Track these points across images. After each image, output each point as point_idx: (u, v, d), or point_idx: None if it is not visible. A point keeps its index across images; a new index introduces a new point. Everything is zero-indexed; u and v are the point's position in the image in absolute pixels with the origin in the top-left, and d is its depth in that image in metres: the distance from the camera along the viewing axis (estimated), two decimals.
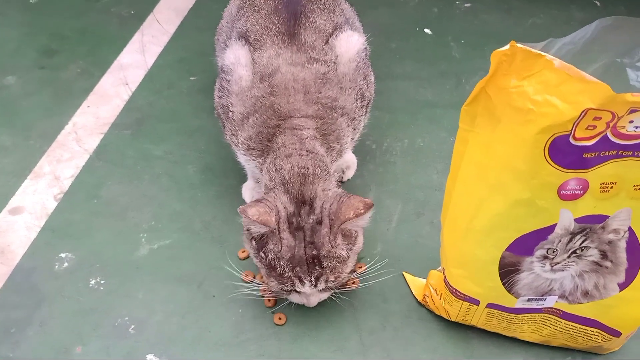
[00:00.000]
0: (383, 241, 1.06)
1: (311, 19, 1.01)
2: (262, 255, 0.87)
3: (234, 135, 0.99)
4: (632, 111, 0.64)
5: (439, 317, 0.94)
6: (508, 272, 0.79)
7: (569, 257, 0.77)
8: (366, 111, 1.06)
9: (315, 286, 0.86)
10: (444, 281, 0.88)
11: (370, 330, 0.93)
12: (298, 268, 0.85)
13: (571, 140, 0.66)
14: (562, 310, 0.83)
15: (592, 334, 0.84)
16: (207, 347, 0.91)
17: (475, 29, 1.54)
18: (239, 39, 1.02)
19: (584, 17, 1.58)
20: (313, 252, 0.85)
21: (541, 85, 0.65)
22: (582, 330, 0.84)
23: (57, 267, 1.00)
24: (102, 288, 0.98)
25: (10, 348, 0.90)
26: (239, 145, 0.98)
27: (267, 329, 0.93)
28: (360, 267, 1.00)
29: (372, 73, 1.08)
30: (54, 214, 1.08)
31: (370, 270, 0.96)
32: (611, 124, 0.66)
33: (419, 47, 1.48)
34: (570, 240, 0.75)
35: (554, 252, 0.77)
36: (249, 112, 0.96)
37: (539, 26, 1.56)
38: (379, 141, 1.24)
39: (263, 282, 0.92)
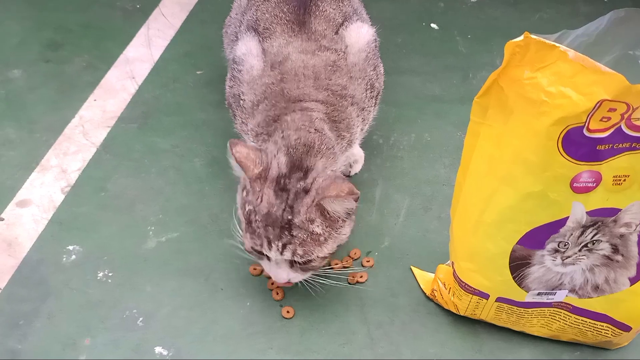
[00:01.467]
0: (390, 235, 1.05)
1: (321, 8, 1.01)
2: (247, 206, 0.85)
3: (244, 123, 0.99)
4: None
5: (447, 312, 0.94)
6: (518, 265, 0.79)
7: (579, 250, 0.77)
8: (375, 102, 1.06)
9: (282, 253, 0.84)
10: (453, 275, 0.87)
11: (378, 324, 0.93)
12: (270, 228, 0.83)
13: (585, 132, 0.66)
14: (571, 305, 0.83)
15: (601, 329, 0.84)
16: (215, 339, 0.91)
17: (481, 24, 1.53)
18: (249, 31, 1.02)
19: (590, 11, 1.58)
20: (288, 217, 0.83)
21: (555, 77, 0.64)
22: (591, 324, 0.84)
23: (64, 259, 1.00)
24: (109, 281, 0.98)
25: (18, 340, 0.90)
26: (248, 133, 0.98)
27: (275, 322, 0.93)
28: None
29: (382, 65, 1.08)
30: (61, 206, 1.08)
31: (344, 271, 0.96)
32: (625, 116, 0.65)
33: (425, 41, 1.48)
34: (582, 233, 0.75)
35: (565, 245, 0.76)
36: (259, 100, 0.96)
37: (546, 20, 1.56)
38: (386, 135, 1.23)
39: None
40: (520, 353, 0.90)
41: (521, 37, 0.65)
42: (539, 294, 0.82)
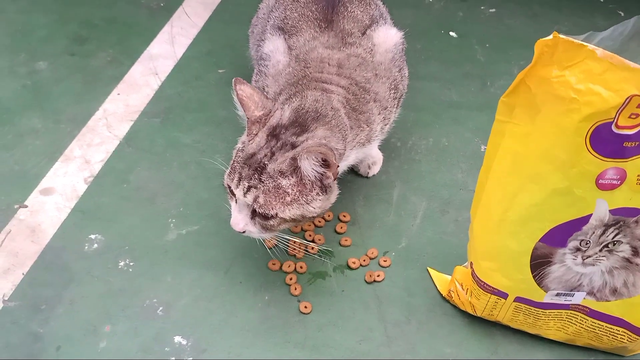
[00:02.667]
0: (407, 236, 1.07)
1: (349, 9, 1.03)
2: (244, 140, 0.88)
3: None
4: None
5: (464, 313, 0.95)
6: (540, 264, 0.80)
7: (600, 251, 0.78)
8: (398, 104, 1.07)
9: (244, 195, 0.84)
10: (472, 275, 0.88)
11: (395, 323, 0.94)
12: (246, 167, 0.84)
13: (613, 128, 0.67)
14: (589, 308, 0.84)
15: (617, 334, 0.85)
16: (233, 331, 0.92)
17: (499, 34, 1.55)
18: (275, 30, 1.04)
19: (607, 26, 1.57)
20: (265, 162, 0.84)
21: (584, 75, 0.66)
22: (608, 329, 0.85)
23: (86, 247, 1.02)
24: (130, 270, 0.99)
25: (40, 324, 0.91)
26: None
27: (292, 316, 0.94)
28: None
29: (407, 68, 1.10)
30: (84, 196, 1.10)
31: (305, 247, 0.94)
32: None
33: (444, 48, 1.50)
34: (604, 232, 0.76)
35: (587, 244, 0.77)
36: (282, 89, 0.97)
37: (563, 33, 1.56)
38: (404, 139, 1.25)
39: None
40: (535, 356, 0.91)
41: (550, 37, 0.66)
42: (557, 294, 0.83)
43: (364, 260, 1.02)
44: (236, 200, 0.87)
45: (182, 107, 1.29)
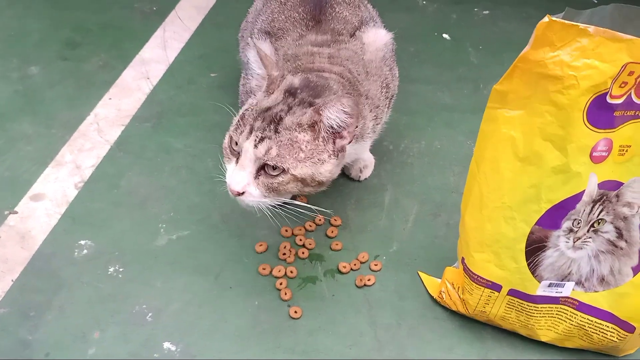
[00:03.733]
0: (399, 240, 1.06)
1: (337, 10, 1.03)
2: (245, 104, 0.88)
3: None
4: None
5: (455, 317, 0.95)
6: (534, 249, 0.81)
7: (588, 231, 0.80)
8: (389, 104, 1.07)
9: (256, 146, 0.81)
10: (464, 270, 0.88)
11: (385, 327, 0.94)
12: (260, 119, 0.82)
13: (608, 98, 0.71)
14: (578, 300, 0.84)
15: (607, 330, 0.85)
16: (223, 337, 0.92)
17: (493, 36, 1.55)
18: (261, 34, 1.04)
19: None
20: (281, 114, 0.82)
21: (578, 52, 0.69)
22: (597, 325, 0.85)
23: (76, 253, 1.02)
24: (120, 276, 0.99)
25: (29, 331, 0.91)
26: None
27: (282, 321, 0.94)
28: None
29: (397, 69, 1.10)
30: (75, 202, 1.10)
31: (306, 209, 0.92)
32: (638, 80, 0.71)
33: (438, 51, 1.50)
34: (591, 210, 0.78)
35: (578, 224, 0.79)
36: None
37: None
38: (396, 142, 1.24)
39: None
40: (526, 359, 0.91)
41: (546, 19, 0.69)
42: (549, 285, 0.83)
43: (355, 265, 1.01)
44: (237, 158, 0.83)
45: (173, 112, 1.29)
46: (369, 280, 0.99)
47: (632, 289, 0.82)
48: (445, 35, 1.55)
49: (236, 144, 0.85)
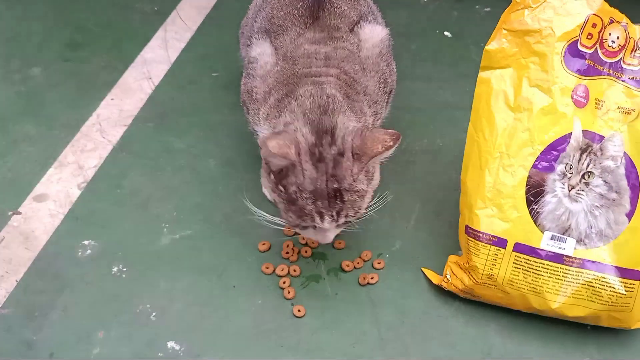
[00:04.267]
0: (402, 238, 1.06)
1: (335, 5, 1.03)
2: (282, 188, 0.86)
3: (255, 114, 0.99)
4: (611, 22, 0.89)
5: (458, 315, 0.95)
6: (534, 195, 0.89)
7: (580, 181, 0.89)
8: (388, 99, 1.07)
9: (336, 221, 0.85)
10: (469, 234, 0.92)
11: (388, 326, 0.94)
12: (319, 202, 0.84)
13: (579, 45, 0.89)
14: (581, 259, 0.88)
15: (614, 284, 0.87)
16: (227, 336, 0.92)
17: None
18: (261, 34, 1.04)
19: None
20: (334, 186, 0.83)
21: (550, 9, 0.88)
22: (604, 281, 0.87)
23: (80, 254, 1.02)
24: (124, 276, 0.99)
25: (33, 331, 0.91)
26: (262, 122, 0.97)
27: (286, 320, 0.94)
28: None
29: (394, 64, 1.10)
30: (78, 202, 1.10)
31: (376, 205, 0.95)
32: (601, 35, 0.89)
33: (439, 49, 1.49)
34: (580, 159, 0.89)
35: (570, 168, 0.89)
36: (271, 88, 0.97)
37: None
38: None
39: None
40: (529, 356, 0.91)
41: None
42: (552, 237, 0.88)
43: (358, 263, 1.02)
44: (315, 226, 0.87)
45: (175, 112, 1.29)
46: (372, 278, 0.99)
47: (630, 234, 0.87)
48: (446, 33, 1.55)
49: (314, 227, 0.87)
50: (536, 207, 0.89)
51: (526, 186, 0.89)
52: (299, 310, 0.95)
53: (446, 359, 0.90)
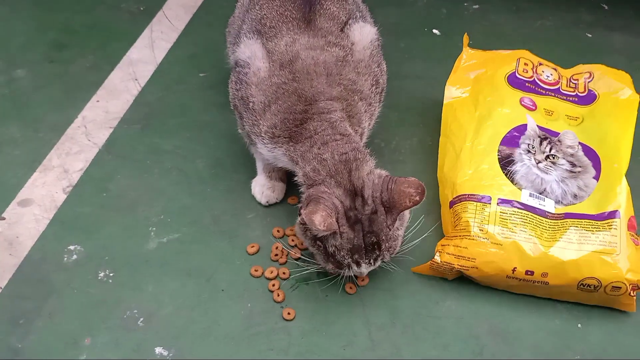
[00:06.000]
0: None
1: (324, 6, 1.02)
2: (319, 244, 0.90)
3: (255, 125, 0.98)
4: (540, 64, 1.18)
5: (449, 315, 0.95)
6: (506, 163, 1.03)
7: (546, 159, 1.03)
8: (380, 99, 1.07)
9: (373, 265, 0.91)
10: (456, 201, 1.00)
11: (379, 327, 0.93)
12: (357, 255, 0.89)
13: (517, 75, 1.15)
14: (563, 213, 0.97)
15: (599, 225, 0.94)
16: (216, 340, 0.91)
17: (484, 30, 1.54)
18: (251, 34, 1.02)
19: (592, 20, 1.59)
20: (372, 240, 0.89)
21: (493, 60, 1.20)
22: (588, 223, 0.95)
23: (65, 259, 1.00)
24: (111, 281, 0.98)
25: (19, 339, 0.90)
26: (263, 135, 0.98)
27: (276, 323, 0.93)
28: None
29: (384, 63, 1.10)
30: (63, 206, 1.08)
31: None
32: (535, 70, 1.15)
33: (428, 47, 1.49)
34: (541, 143, 1.05)
35: (533, 147, 1.05)
36: (270, 100, 0.96)
37: (548, 28, 1.56)
38: (387, 139, 1.24)
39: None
40: (520, 356, 0.90)
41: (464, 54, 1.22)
42: (530, 195, 0.99)
43: None
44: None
45: (162, 113, 1.27)
46: (362, 280, 0.98)
47: (600, 189, 0.99)
48: (435, 31, 1.54)
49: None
50: (511, 170, 1.01)
51: (498, 157, 1.03)
52: (288, 313, 0.94)
53: (438, 359, 0.90)
